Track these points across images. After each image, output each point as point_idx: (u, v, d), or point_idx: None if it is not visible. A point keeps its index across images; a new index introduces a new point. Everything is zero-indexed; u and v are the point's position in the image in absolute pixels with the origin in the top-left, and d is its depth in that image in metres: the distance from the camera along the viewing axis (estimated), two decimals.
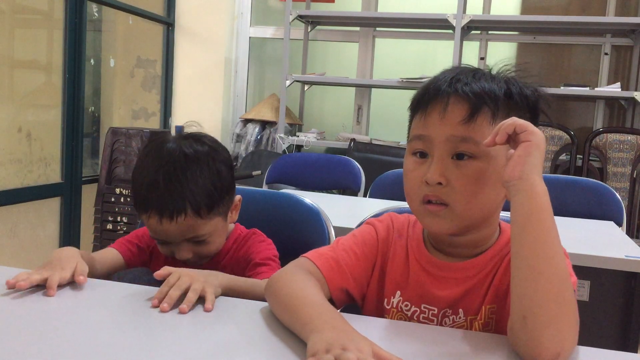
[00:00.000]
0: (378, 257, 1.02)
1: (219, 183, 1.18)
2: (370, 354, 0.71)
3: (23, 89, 3.16)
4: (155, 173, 1.14)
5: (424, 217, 0.93)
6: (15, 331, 0.81)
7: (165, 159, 1.15)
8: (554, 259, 0.79)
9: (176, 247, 1.19)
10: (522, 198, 0.81)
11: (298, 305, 0.85)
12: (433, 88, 0.93)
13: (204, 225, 1.17)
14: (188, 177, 1.14)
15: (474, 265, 0.96)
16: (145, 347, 0.78)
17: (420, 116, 0.94)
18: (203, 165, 1.16)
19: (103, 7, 3.68)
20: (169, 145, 1.18)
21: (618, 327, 1.75)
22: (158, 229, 1.16)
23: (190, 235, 1.17)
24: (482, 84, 0.91)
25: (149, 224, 1.16)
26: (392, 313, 1.00)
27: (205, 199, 1.15)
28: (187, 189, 1.13)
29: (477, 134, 0.88)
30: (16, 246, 3.00)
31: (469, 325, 0.95)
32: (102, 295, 0.99)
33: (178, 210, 1.13)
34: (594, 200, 2.30)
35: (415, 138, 0.94)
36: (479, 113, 0.89)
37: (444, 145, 0.90)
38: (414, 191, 0.93)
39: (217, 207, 1.18)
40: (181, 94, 4.25)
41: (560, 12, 4.18)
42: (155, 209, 1.13)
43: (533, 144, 0.81)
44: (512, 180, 0.82)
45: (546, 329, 0.76)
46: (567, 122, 4.10)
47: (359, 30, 4.39)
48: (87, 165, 3.53)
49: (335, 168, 3.04)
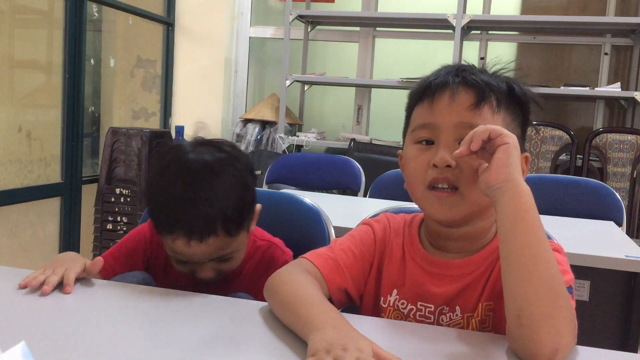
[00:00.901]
0: (375, 256, 1.03)
1: (247, 196, 1.10)
2: (371, 353, 0.71)
3: (23, 89, 3.16)
4: (181, 189, 1.03)
5: (431, 204, 0.93)
6: (16, 330, 0.81)
7: (189, 172, 1.04)
8: (543, 256, 0.80)
9: (199, 267, 1.10)
10: (508, 199, 0.82)
11: (298, 305, 0.85)
12: (440, 78, 0.94)
13: (232, 243, 1.08)
14: (217, 194, 1.04)
15: (471, 263, 0.96)
16: (144, 347, 0.78)
17: (425, 105, 0.94)
18: (230, 177, 1.06)
19: (103, 7, 3.68)
20: (190, 156, 1.07)
21: (618, 327, 1.75)
22: (184, 252, 1.05)
23: (217, 255, 1.08)
24: (487, 77, 0.94)
25: (174, 245, 1.05)
26: (389, 312, 1.00)
27: (235, 215, 1.05)
28: (216, 206, 1.03)
29: (483, 121, 0.90)
30: (16, 246, 3.00)
31: (466, 323, 0.95)
32: (102, 295, 0.99)
33: (208, 230, 1.03)
34: (594, 200, 2.30)
35: (420, 127, 0.95)
36: (486, 101, 0.92)
37: (451, 131, 0.91)
38: (419, 176, 0.93)
39: (245, 222, 1.10)
40: (181, 94, 4.25)
41: (560, 12, 4.17)
42: (183, 230, 1.02)
43: (511, 145, 0.83)
44: (498, 184, 0.83)
45: (542, 326, 0.76)
46: (567, 122, 4.10)
47: (359, 30, 4.39)
48: (87, 165, 3.53)
49: (335, 168, 3.04)
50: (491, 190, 0.84)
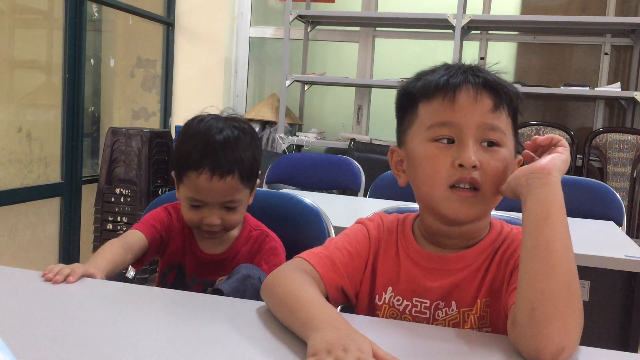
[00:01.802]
0: (370, 254, 1.03)
1: (257, 155, 1.30)
2: (371, 353, 0.71)
3: (23, 89, 3.16)
4: (211, 138, 1.24)
5: (452, 203, 0.92)
6: (17, 330, 0.81)
7: (216, 129, 1.25)
8: (568, 256, 0.81)
9: (208, 212, 1.25)
10: (545, 192, 0.84)
11: (297, 305, 0.85)
12: (457, 77, 0.93)
13: (241, 192, 1.26)
14: (239, 146, 1.25)
15: (465, 257, 0.96)
16: (143, 347, 0.78)
17: (445, 102, 0.93)
18: (249, 138, 1.28)
19: (103, 7, 3.68)
20: (214, 121, 1.28)
21: (618, 327, 1.75)
22: (205, 187, 1.23)
23: (228, 198, 1.25)
24: (499, 78, 0.95)
25: (198, 181, 1.22)
26: (384, 309, 1.00)
27: (249, 167, 1.26)
28: (237, 154, 1.25)
29: (502, 124, 0.92)
30: (16, 246, 3.00)
31: (462, 319, 0.95)
32: (101, 294, 0.99)
33: (229, 170, 1.23)
34: (594, 200, 2.30)
35: (439, 124, 0.93)
36: (503, 104, 0.93)
37: (475, 132, 0.91)
38: (441, 175, 0.92)
39: (253, 178, 1.29)
40: (181, 94, 4.25)
41: (560, 12, 4.17)
42: (209, 167, 1.22)
43: (564, 156, 0.88)
44: (541, 173, 0.85)
45: (553, 322, 0.77)
46: (567, 122, 4.10)
47: (359, 30, 4.39)
48: (87, 165, 3.54)
49: (335, 168, 3.04)
50: (529, 179, 0.85)
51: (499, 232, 0.99)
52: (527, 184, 0.85)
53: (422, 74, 0.99)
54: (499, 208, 1.08)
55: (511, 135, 0.95)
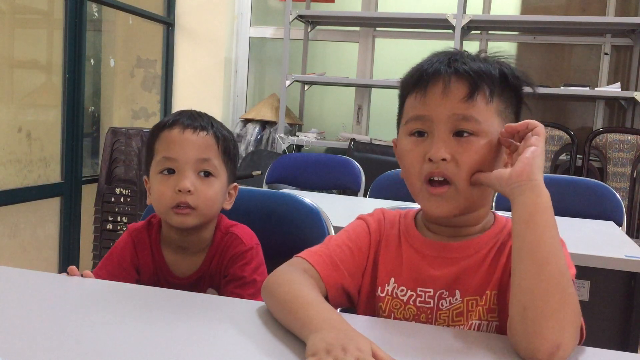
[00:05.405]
0: (371, 247, 1.03)
1: (232, 142, 1.27)
2: (370, 353, 0.71)
3: (23, 89, 3.16)
4: (186, 110, 1.25)
5: (427, 200, 0.93)
6: (16, 330, 0.81)
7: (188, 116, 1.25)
8: (555, 254, 0.81)
9: (181, 176, 1.18)
10: (527, 198, 0.83)
11: (296, 305, 0.85)
12: (431, 69, 0.93)
13: (217, 160, 1.22)
14: (212, 119, 1.26)
15: (470, 246, 0.96)
16: (142, 347, 0.78)
17: (418, 97, 0.94)
18: (226, 131, 1.28)
19: (103, 7, 3.67)
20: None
21: (618, 327, 1.75)
22: (177, 139, 1.19)
23: (203, 156, 1.19)
24: (478, 64, 0.93)
25: (170, 135, 1.20)
26: (387, 301, 0.99)
27: (224, 140, 1.24)
28: (212, 121, 1.25)
29: (477, 113, 0.91)
30: (16, 246, 3.00)
31: (467, 308, 0.94)
32: (101, 294, 0.99)
33: (203, 127, 1.21)
34: (594, 200, 2.30)
35: (413, 119, 0.94)
36: (479, 92, 0.91)
37: (445, 124, 0.91)
38: (415, 170, 0.93)
39: (231, 161, 1.25)
40: (181, 94, 4.25)
41: (560, 12, 4.17)
42: (181, 123, 1.21)
43: (539, 149, 0.85)
44: (519, 182, 0.84)
45: (547, 321, 0.77)
46: (567, 122, 4.10)
47: (359, 30, 4.39)
48: (87, 165, 3.53)
49: (335, 168, 3.04)
50: (511, 186, 0.85)
51: (504, 225, 0.98)
52: (510, 192, 0.86)
53: (416, 65, 0.99)
54: (499, 208, 1.08)
55: (496, 121, 0.92)
